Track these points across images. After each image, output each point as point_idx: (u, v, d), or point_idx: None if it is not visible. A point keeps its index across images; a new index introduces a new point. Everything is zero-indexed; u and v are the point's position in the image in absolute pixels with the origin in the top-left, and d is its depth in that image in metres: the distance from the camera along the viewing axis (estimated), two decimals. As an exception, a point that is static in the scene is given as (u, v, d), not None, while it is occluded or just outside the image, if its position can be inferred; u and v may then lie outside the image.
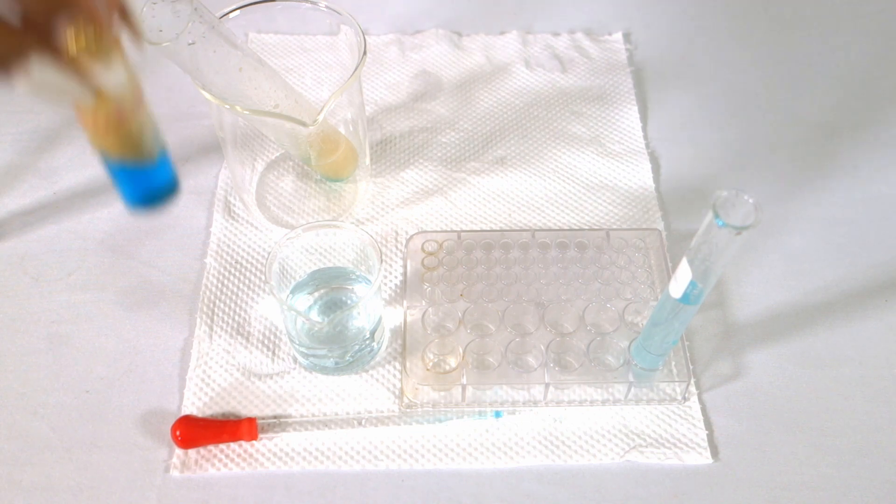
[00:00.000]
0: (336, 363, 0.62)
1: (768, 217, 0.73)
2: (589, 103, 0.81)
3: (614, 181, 0.75)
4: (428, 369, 0.61)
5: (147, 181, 0.46)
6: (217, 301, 0.66)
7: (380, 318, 0.62)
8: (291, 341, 0.63)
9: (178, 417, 0.59)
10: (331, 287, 0.65)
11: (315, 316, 0.64)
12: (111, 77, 0.41)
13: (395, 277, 0.68)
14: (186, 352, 0.63)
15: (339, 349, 0.61)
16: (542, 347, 0.62)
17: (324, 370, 0.63)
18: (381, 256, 0.58)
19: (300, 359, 0.63)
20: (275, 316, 0.66)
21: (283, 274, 0.62)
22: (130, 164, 0.44)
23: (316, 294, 0.65)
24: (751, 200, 0.44)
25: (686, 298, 0.51)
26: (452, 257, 0.67)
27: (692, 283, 0.50)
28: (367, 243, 0.59)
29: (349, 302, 0.65)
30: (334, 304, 0.65)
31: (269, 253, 0.59)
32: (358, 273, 0.65)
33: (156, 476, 0.58)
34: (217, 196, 0.73)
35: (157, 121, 0.47)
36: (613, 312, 0.64)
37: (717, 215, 0.44)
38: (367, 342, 0.62)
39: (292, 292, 0.64)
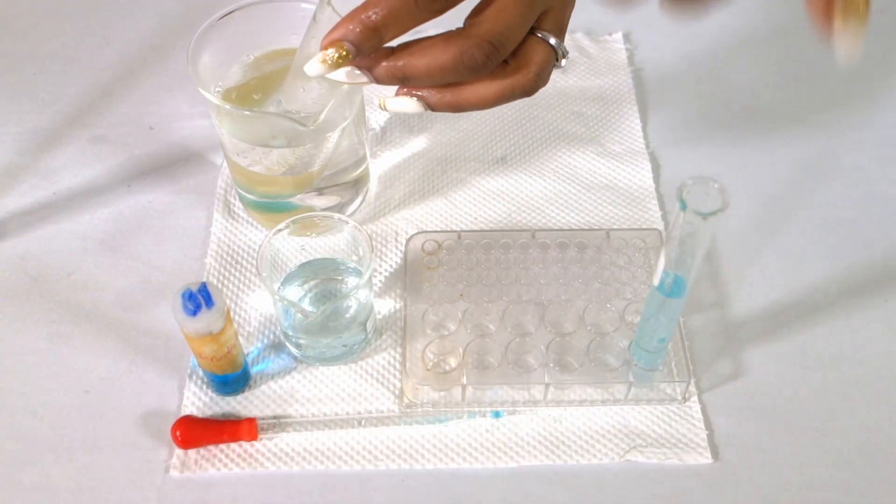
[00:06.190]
0: (328, 353, 0.62)
1: (768, 217, 0.73)
2: (589, 103, 0.81)
3: (614, 181, 0.75)
4: (428, 369, 0.61)
5: (231, 382, 0.61)
6: (217, 301, 0.66)
7: (371, 308, 0.62)
8: (284, 333, 0.63)
9: (178, 417, 0.59)
10: (322, 278, 0.66)
11: (307, 306, 0.64)
12: (225, 334, 0.55)
13: (395, 277, 0.68)
14: (186, 351, 0.63)
15: (330, 339, 0.62)
16: (543, 347, 0.62)
17: (317, 360, 0.63)
18: (371, 246, 0.58)
19: (293, 350, 0.63)
20: (267, 307, 0.66)
21: (274, 266, 0.62)
22: (222, 375, 0.59)
23: (307, 285, 0.65)
24: (716, 185, 0.45)
25: (662, 287, 0.52)
26: (452, 257, 0.67)
27: (666, 272, 0.51)
28: (358, 234, 0.60)
29: (340, 292, 0.65)
30: (326, 295, 0.65)
31: (260, 244, 0.60)
32: (349, 264, 0.65)
33: (156, 476, 0.58)
34: (217, 196, 0.73)
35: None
36: (613, 312, 0.64)
37: (681, 200, 0.45)
38: (359, 331, 0.62)
39: (283, 283, 0.64)
